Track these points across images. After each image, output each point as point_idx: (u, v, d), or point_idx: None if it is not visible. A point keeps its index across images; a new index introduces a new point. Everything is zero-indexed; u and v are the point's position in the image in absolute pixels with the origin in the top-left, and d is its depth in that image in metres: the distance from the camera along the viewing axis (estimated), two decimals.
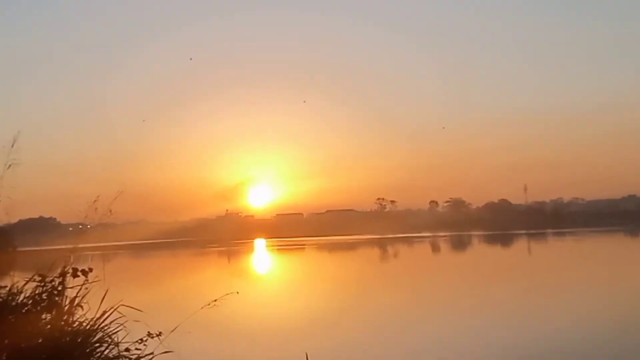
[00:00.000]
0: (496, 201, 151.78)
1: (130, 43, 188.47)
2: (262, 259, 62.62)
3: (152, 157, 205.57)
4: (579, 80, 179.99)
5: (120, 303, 7.55)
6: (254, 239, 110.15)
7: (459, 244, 71.25)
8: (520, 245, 64.20)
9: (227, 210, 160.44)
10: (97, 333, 7.26)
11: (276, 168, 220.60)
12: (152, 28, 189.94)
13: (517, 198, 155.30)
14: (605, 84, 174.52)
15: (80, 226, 8.19)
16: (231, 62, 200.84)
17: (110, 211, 7.83)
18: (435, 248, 66.18)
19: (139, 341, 7.44)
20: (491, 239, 78.15)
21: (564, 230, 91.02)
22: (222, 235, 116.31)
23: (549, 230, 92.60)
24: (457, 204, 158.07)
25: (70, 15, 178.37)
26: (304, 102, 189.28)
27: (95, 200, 7.79)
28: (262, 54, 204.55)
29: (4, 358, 6.44)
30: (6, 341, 6.56)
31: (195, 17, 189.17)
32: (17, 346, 6.55)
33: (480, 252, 58.86)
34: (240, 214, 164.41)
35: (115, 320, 7.38)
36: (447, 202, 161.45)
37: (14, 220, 8.46)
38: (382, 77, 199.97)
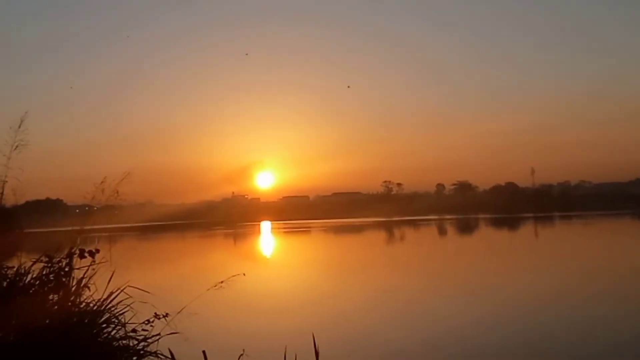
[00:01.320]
0: (503, 184, 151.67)
1: (137, 25, 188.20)
2: (268, 241, 62.76)
3: (158, 139, 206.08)
4: (586, 64, 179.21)
5: (127, 284, 7.58)
6: (260, 221, 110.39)
7: (466, 227, 71.22)
8: (527, 229, 64.15)
9: (233, 192, 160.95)
10: (104, 314, 7.29)
11: (283, 151, 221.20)
12: (159, 10, 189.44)
13: (524, 181, 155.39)
14: (613, 68, 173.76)
15: (87, 208, 8.20)
16: (239, 45, 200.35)
17: (117, 192, 7.84)
18: (442, 231, 66.21)
19: (146, 322, 7.47)
20: (498, 222, 78.07)
21: (571, 213, 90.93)
22: (229, 217, 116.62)
23: (556, 214, 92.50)
24: (464, 187, 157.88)
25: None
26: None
27: (102, 182, 7.80)
28: (271, 37, 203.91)
29: (12, 338, 6.48)
30: (14, 322, 6.59)
31: (202, 7, 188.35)
32: (24, 327, 6.58)
33: (487, 235, 58.84)
34: (246, 197, 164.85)
35: (122, 301, 7.41)
36: (453, 185, 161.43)
37: (21, 201, 8.46)
38: (389, 59, 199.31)
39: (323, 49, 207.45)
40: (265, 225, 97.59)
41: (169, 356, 7.09)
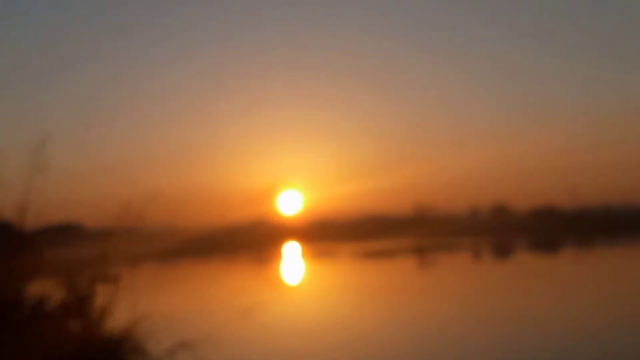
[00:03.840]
0: (541, 206, 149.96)
1: (160, 44, 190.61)
2: (295, 266, 62.75)
3: (181, 162, 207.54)
4: (629, 80, 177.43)
5: (151, 310, 7.64)
6: (285, 244, 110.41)
7: (502, 252, 70.46)
8: (567, 254, 63.34)
9: (258, 215, 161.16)
10: (126, 342, 7.36)
11: (309, 172, 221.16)
12: (183, 29, 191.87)
13: (563, 203, 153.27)
14: None
15: (109, 232, 8.32)
16: (263, 66, 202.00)
17: (141, 216, 7.95)
18: (477, 255, 65.56)
19: (170, 350, 7.52)
20: (536, 246, 77.18)
21: (614, 237, 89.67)
22: (253, 240, 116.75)
23: (598, 237, 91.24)
24: (499, 209, 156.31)
25: (98, 18, 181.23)
26: None
27: (126, 205, 7.92)
28: (294, 56, 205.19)
29: None
30: (34, 349, 6.67)
31: (226, 19, 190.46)
32: (45, 354, 6.66)
33: (526, 261, 58.25)
34: (271, 219, 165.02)
35: (145, 328, 7.48)
36: (488, 206, 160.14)
37: (42, 225, 8.62)
38: (421, 77, 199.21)
39: (353, 67, 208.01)
40: (291, 248, 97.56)
41: None
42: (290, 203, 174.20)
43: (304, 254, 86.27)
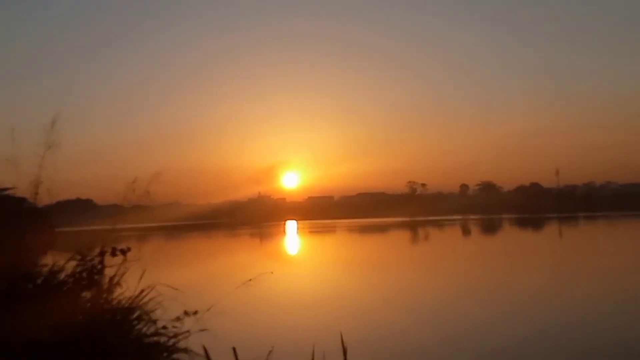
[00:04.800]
0: (527, 184, 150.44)
1: (165, 25, 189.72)
2: (294, 241, 62.81)
3: (188, 139, 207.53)
4: (612, 64, 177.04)
5: (158, 282, 7.63)
6: (285, 221, 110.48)
7: (490, 227, 70.74)
8: (551, 229, 63.53)
9: (259, 192, 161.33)
10: (135, 311, 7.35)
11: (308, 151, 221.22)
12: (187, 8, 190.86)
13: (548, 181, 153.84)
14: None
15: (117, 207, 8.27)
16: (265, 46, 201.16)
17: (148, 192, 7.90)
18: (466, 231, 65.77)
19: (176, 319, 7.52)
20: (522, 222, 77.47)
21: (596, 214, 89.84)
22: (254, 217, 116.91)
23: (580, 214, 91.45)
24: (488, 187, 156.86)
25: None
26: None
27: (133, 182, 7.87)
28: (296, 37, 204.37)
29: (46, 335, 6.55)
30: (48, 318, 6.66)
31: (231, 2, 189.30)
32: (58, 323, 6.66)
33: (512, 236, 58.38)
34: (272, 197, 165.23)
35: (152, 298, 7.46)
36: (477, 185, 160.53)
37: (53, 201, 8.54)
38: (413, 58, 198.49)
39: (347, 50, 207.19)
40: (291, 225, 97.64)
41: (200, 353, 7.10)
42: (291, 181, 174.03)
43: (303, 229, 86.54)
